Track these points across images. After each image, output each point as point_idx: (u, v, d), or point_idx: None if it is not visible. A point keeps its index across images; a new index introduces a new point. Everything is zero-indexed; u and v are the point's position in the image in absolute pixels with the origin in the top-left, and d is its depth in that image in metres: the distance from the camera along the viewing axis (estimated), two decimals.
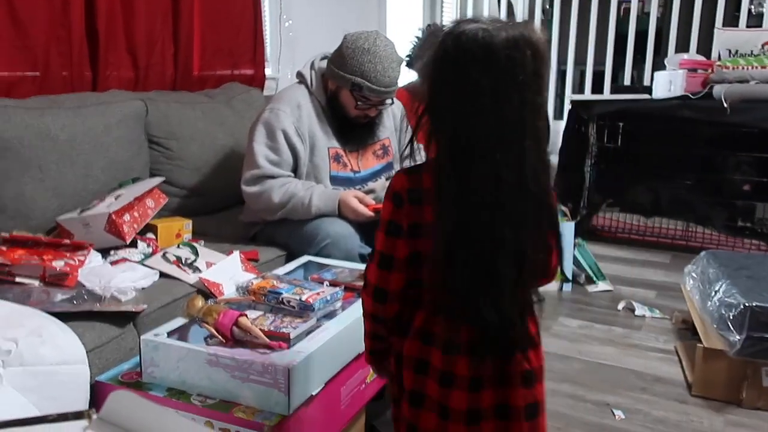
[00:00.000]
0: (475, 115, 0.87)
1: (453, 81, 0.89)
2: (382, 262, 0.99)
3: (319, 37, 3.38)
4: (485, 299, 0.89)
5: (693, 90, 3.30)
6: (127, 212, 1.72)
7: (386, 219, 0.98)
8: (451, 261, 0.89)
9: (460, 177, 0.88)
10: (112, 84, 2.24)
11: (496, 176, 0.87)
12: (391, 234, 0.98)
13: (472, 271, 0.89)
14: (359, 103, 1.87)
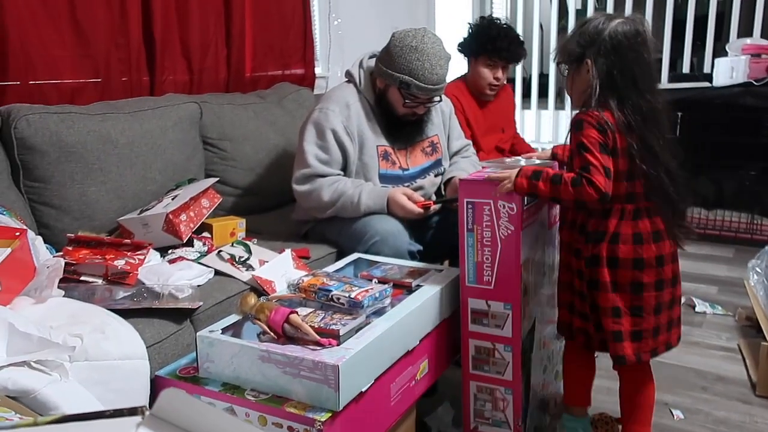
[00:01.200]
0: (652, 83, 1.44)
1: (634, 61, 1.40)
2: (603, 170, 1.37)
3: (368, 35, 3.40)
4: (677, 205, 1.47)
5: (757, 76, 3.17)
6: (183, 212, 1.78)
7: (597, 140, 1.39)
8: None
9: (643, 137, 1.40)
10: (168, 88, 2.32)
11: (661, 134, 1.43)
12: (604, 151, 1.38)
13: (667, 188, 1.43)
14: (407, 101, 1.88)
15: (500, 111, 2.67)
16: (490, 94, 2.53)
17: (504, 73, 2.48)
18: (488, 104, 2.61)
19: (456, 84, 2.60)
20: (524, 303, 1.52)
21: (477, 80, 2.51)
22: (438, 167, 2.08)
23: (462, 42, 2.55)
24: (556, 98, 4.49)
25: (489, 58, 2.45)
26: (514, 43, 2.45)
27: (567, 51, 1.48)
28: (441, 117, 2.11)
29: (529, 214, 1.51)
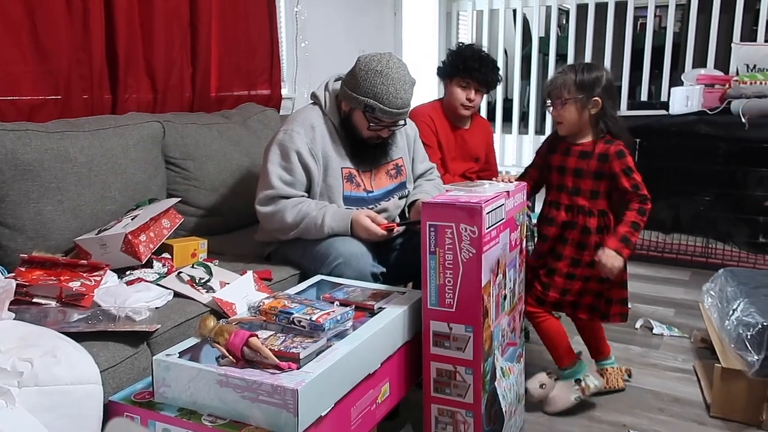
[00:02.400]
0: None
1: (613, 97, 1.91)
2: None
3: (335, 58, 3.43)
4: None
5: (710, 105, 3.28)
6: (143, 232, 1.75)
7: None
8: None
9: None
10: (131, 107, 2.30)
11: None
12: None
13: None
14: (372, 125, 1.89)
15: (476, 141, 2.71)
16: (464, 114, 2.57)
17: (478, 95, 2.53)
18: (463, 131, 2.64)
19: (432, 105, 2.64)
20: (485, 326, 1.53)
21: (451, 101, 2.56)
22: (402, 190, 2.09)
23: (440, 66, 2.61)
24: (519, 123, 4.58)
25: (462, 79, 2.50)
26: (486, 66, 2.51)
27: (577, 87, 1.86)
28: (406, 140, 2.13)
29: (490, 237, 1.53)
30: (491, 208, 1.53)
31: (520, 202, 1.78)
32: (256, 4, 2.85)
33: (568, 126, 1.91)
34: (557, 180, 1.96)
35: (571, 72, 1.88)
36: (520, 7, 4.43)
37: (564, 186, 1.94)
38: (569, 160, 1.93)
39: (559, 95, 1.88)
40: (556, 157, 1.97)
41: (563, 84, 1.87)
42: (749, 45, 3.55)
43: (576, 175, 1.92)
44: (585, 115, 1.88)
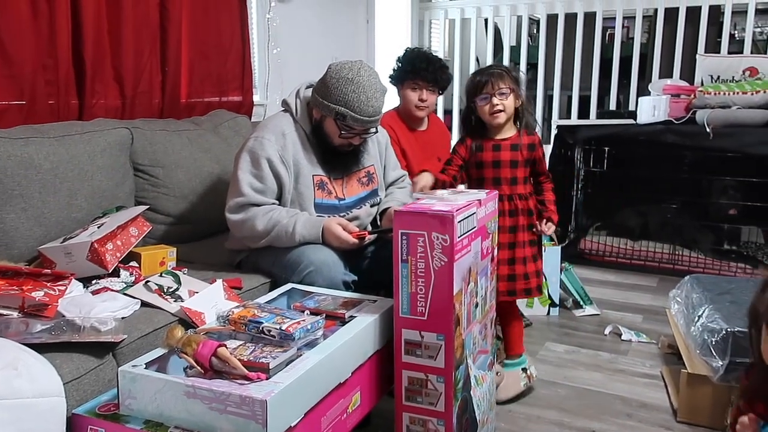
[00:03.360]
0: None
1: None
2: None
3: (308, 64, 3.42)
4: None
5: (676, 115, 3.36)
6: (109, 241, 1.72)
7: None
8: None
9: None
10: (98, 113, 2.26)
11: None
12: None
13: None
14: (343, 132, 1.89)
15: (434, 140, 2.73)
16: (419, 115, 2.59)
17: (430, 95, 2.55)
18: (421, 133, 2.66)
19: (390, 114, 2.65)
20: (457, 334, 1.53)
21: (405, 104, 2.58)
22: (374, 197, 2.09)
23: (391, 73, 2.62)
24: None
25: (412, 81, 2.53)
26: (434, 65, 2.54)
27: (512, 80, 2.01)
28: (377, 147, 2.13)
29: (462, 245, 1.53)
30: (463, 216, 1.54)
31: (492, 210, 1.79)
32: (227, 10, 2.83)
33: (507, 115, 2.01)
34: (492, 174, 2.05)
35: (499, 68, 2.04)
36: (492, 17, 4.48)
37: (501, 178, 2.04)
38: (503, 153, 2.04)
39: (500, 85, 1.98)
40: (487, 153, 2.05)
41: (501, 75, 1.99)
42: (713, 56, 3.64)
43: (512, 166, 2.04)
44: (513, 107, 2.03)
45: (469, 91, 2.05)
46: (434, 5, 4.65)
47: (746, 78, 3.38)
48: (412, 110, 2.55)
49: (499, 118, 1.99)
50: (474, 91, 2.02)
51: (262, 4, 3.13)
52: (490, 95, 1.98)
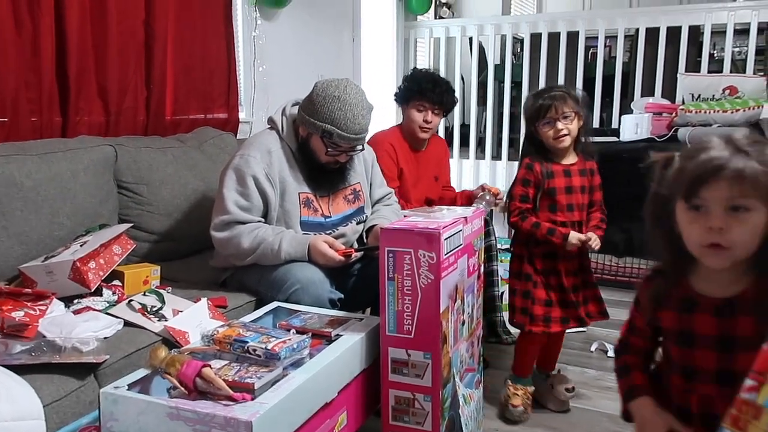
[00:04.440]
0: None
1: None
2: None
3: (293, 82, 3.43)
4: None
5: (659, 133, 3.40)
6: (92, 259, 1.69)
7: None
8: None
9: None
10: (82, 130, 2.24)
11: None
12: None
13: None
14: (330, 150, 1.89)
15: (434, 159, 2.75)
16: (423, 137, 2.61)
17: (435, 117, 2.56)
18: (422, 152, 2.68)
19: (392, 131, 2.67)
20: (444, 352, 1.52)
21: (409, 124, 2.59)
22: (360, 215, 2.09)
23: (396, 92, 2.64)
24: (476, 148, 4.65)
25: (418, 102, 2.54)
26: (441, 87, 2.55)
27: (575, 101, 1.92)
28: (363, 165, 2.13)
29: (448, 263, 1.53)
30: (449, 234, 1.54)
31: (478, 227, 1.79)
32: (213, 27, 2.84)
33: (571, 138, 1.94)
34: (566, 200, 1.98)
35: (560, 90, 1.95)
36: (476, 36, 4.52)
37: (574, 205, 1.99)
38: (574, 179, 1.99)
39: (564, 109, 1.90)
40: (558, 180, 1.98)
41: (564, 98, 1.91)
42: (693, 75, 3.70)
43: (583, 191, 2.01)
44: (577, 130, 1.96)
45: (530, 114, 1.97)
46: (419, 24, 4.69)
47: (726, 97, 3.43)
48: (416, 131, 2.57)
49: (564, 142, 1.92)
50: (536, 116, 1.94)
51: (248, 22, 3.14)
52: (554, 120, 1.90)
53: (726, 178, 0.93)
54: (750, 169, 0.93)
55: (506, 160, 4.46)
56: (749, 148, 0.95)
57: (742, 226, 0.95)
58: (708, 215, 0.95)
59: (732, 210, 0.94)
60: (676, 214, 1.00)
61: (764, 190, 0.94)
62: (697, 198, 0.96)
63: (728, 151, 0.95)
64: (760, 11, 3.76)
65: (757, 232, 0.95)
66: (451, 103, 2.60)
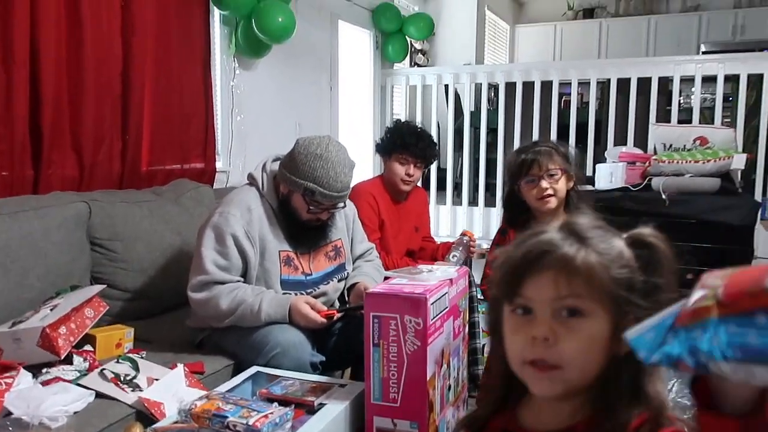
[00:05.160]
0: None
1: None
2: None
3: (272, 130, 3.42)
4: None
5: (633, 182, 3.44)
6: (63, 324, 1.62)
7: None
8: None
9: None
10: (54, 183, 2.18)
11: None
12: None
13: None
14: (311, 208, 1.86)
15: (415, 210, 2.76)
16: (405, 189, 2.62)
17: (417, 170, 2.57)
18: (403, 203, 2.68)
19: (373, 182, 2.66)
20: (431, 420, 1.48)
21: (391, 176, 2.60)
22: (341, 272, 2.05)
23: (378, 143, 2.65)
24: (453, 192, 4.67)
25: (400, 155, 2.55)
26: (423, 141, 2.57)
27: (562, 157, 1.76)
28: (345, 221, 2.10)
29: (435, 328, 1.50)
30: (436, 298, 1.51)
31: (463, 287, 1.77)
32: (191, 77, 2.82)
33: (558, 200, 1.76)
34: None
35: (546, 145, 1.78)
36: (452, 83, 4.58)
37: None
38: None
39: (549, 166, 1.73)
40: None
41: (549, 153, 1.74)
42: (665, 126, 3.78)
43: None
44: (563, 192, 1.76)
45: (512, 171, 1.79)
46: (396, 71, 4.75)
47: (697, 147, 3.51)
48: (398, 183, 2.57)
49: (549, 203, 1.73)
50: (518, 172, 1.76)
51: (227, 72, 3.13)
52: (537, 177, 1.73)
53: (551, 270, 0.71)
54: (582, 259, 0.71)
55: (483, 206, 4.48)
56: (588, 233, 0.74)
57: (574, 337, 0.70)
58: (533, 321, 0.72)
59: (561, 315, 0.71)
60: (503, 323, 0.77)
61: (603, 290, 0.71)
62: (520, 297, 0.73)
63: (560, 235, 0.74)
64: (726, 63, 3.89)
65: (594, 347, 0.71)
66: (433, 157, 2.63)
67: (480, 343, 2.59)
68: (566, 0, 7.09)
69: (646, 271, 0.77)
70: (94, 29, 2.31)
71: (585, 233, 0.75)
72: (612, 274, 0.73)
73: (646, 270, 0.77)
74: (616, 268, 0.74)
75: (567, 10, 7.31)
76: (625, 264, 0.75)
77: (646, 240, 0.79)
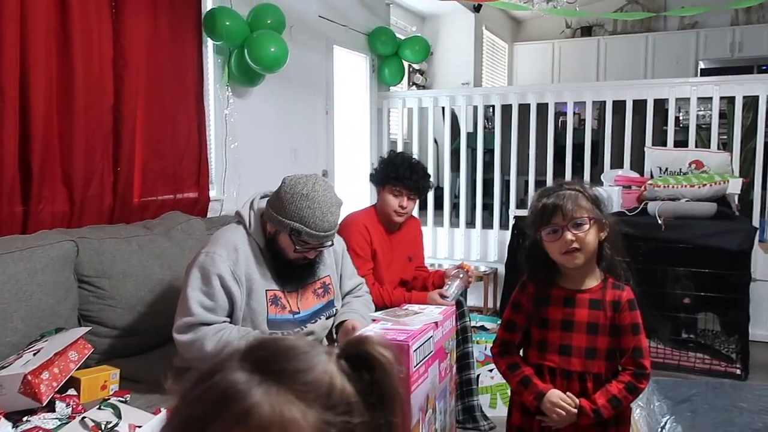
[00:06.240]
0: None
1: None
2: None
3: (266, 157, 3.43)
4: None
5: (629, 206, 3.43)
6: (45, 370, 1.61)
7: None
8: None
9: None
10: (45, 219, 2.18)
11: None
12: None
13: None
14: (298, 248, 1.85)
15: (408, 240, 2.75)
16: (398, 220, 2.61)
17: (410, 202, 2.56)
18: (396, 233, 2.67)
19: (367, 212, 2.65)
20: None
21: (384, 207, 2.59)
22: (330, 309, 2.03)
23: (372, 173, 2.64)
24: (451, 213, 4.65)
25: (394, 186, 2.53)
26: (417, 173, 2.56)
27: (592, 203, 1.47)
28: (333, 256, 2.09)
29: (419, 374, 1.49)
30: (420, 343, 1.50)
31: (449, 328, 1.75)
32: (184, 108, 2.82)
33: (586, 255, 1.45)
34: (560, 339, 1.48)
35: (572, 187, 1.48)
36: (449, 105, 4.59)
37: (573, 347, 1.47)
38: (578, 312, 1.47)
39: (575, 214, 1.42)
40: (555, 309, 1.49)
41: (575, 199, 1.44)
42: (660, 149, 3.78)
43: (590, 331, 1.45)
44: (594, 244, 1.45)
45: (533, 218, 1.50)
46: (393, 94, 4.76)
47: (692, 171, 3.50)
48: (391, 215, 2.56)
49: (576, 259, 1.44)
50: (539, 221, 1.47)
51: (220, 101, 3.14)
52: (561, 228, 1.43)
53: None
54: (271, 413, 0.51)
55: (480, 228, 4.46)
56: (281, 362, 0.54)
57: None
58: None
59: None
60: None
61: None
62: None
63: (243, 375, 0.54)
64: (721, 86, 3.88)
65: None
66: (427, 189, 2.61)
67: (474, 374, 2.57)
68: (564, 18, 7.11)
69: (372, 407, 0.54)
70: (85, 63, 2.32)
71: (275, 364, 0.54)
72: (317, 423, 0.51)
73: (372, 406, 0.54)
74: (322, 412, 0.52)
75: (565, 28, 7.34)
76: (338, 403, 0.53)
77: (370, 359, 0.56)
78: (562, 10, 5.37)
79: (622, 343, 1.46)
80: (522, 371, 1.49)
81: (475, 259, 4.42)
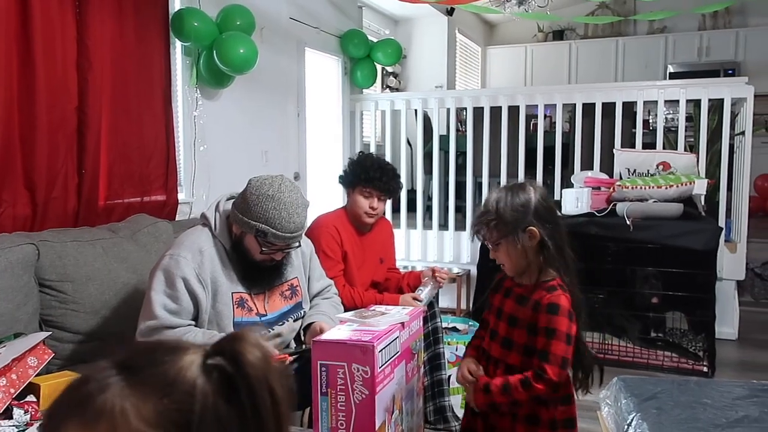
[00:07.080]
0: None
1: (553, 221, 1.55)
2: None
3: (237, 158, 3.40)
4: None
5: (598, 207, 3.47)
6: (2, 376, 1.57)
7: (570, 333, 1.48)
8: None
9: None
10: (5, 222, 2.14)
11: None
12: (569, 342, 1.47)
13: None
14: (264, 249, 1.84)
15: (379, 242, 2.74)
16: (368, 222, 2.60)
17: (381, 203, 2.56)
18: (367, 235, 2.65)
19: (337, 214, 2.64)
20: None
21: (354, 209, 2.57)
22: (298, 311, 2.02)
23: (341, 174, 2.63)
24: (424, 215, 4.66)
25: (364, 188, 2.53)
26: (387, 175, 2.55)
27: (502, 222, 1.50)
28: (301, 258, 2.08)
29: (384, 375, 1.48)
30: (385, 344, 1.49)
31: (417, 329, 1.75)
32: (150, 110, 2.78)
33: (512, 265, 1.55)
34: (493, 323, 1.61)
35: (481, 216, 1.57)
36: (421, 108, 4.60)
37: (497, 334, 1.57)
38: (507, 303, 1.58)
39: (486, 240, 1.57)
40: (497, 296, 1.63)
41: (487, 222, 1.53)
42: (629, 151, 3.83)
43: (511, 323, 1.55)
44: (526, 250, 1.51)
45: None
46: (365, 97, 4.75)
47: (660, 172, 3.55)
48: (362, 216, 2.55)
49: (505, 269, 1.58)
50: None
51: (189, 103, 3.10)
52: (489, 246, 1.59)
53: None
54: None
55: (453, 230, 4.47)
56: (140, 359, 0.58)
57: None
58: None
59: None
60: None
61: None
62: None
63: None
64: (687, 89, 3.95)
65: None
66: (398, 190, 2.61)
67: (446, 375, 2.57)
68: (536, 22, 7.19)
69: (236, 403, 0.52)
70: (48, 63, 2.27)
71: (134, 362, 0.54)
72: (151, 415, 0.50)
73: (236, 402, 0.52)
74: (159, 403, 0.51)
75: (537, 32, 7.42)
76: (181, 393, 0.51)
77: (237, 356, 0.54)
78: (534, 14, 5.41)
79: (535, 343, 1.49)
80: (473, 343, 1.70)
81: (448, 261, 4.43)
